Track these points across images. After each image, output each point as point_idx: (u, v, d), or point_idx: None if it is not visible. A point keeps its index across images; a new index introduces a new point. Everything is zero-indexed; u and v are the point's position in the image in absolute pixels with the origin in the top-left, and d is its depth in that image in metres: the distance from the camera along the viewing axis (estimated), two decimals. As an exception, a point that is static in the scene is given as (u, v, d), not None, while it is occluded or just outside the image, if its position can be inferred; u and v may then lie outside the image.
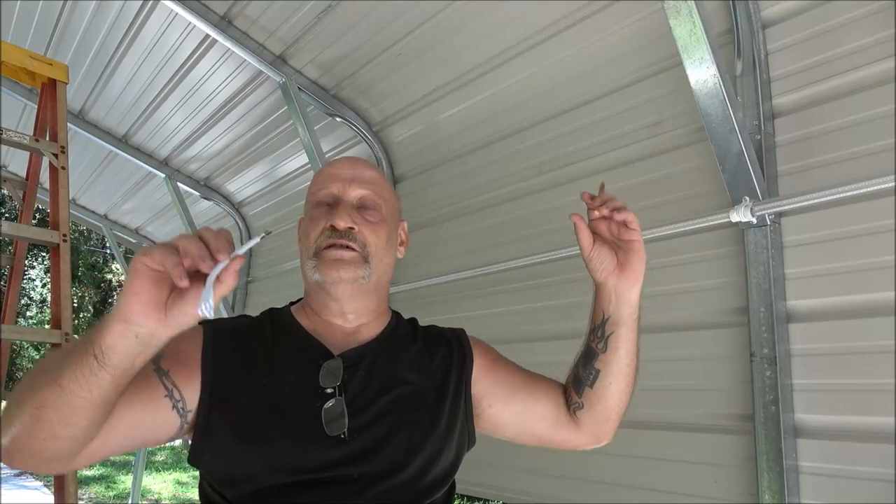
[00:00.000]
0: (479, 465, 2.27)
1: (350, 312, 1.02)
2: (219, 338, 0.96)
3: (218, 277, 0.66)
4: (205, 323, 0.96)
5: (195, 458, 0.91)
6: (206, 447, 0.89)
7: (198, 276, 0.67)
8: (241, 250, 0.70)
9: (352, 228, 0.98)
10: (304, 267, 1.01)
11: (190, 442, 0.92)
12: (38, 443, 0.71)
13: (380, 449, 0.91)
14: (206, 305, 0.65)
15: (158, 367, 0.87)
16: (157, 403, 0.86)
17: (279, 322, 1.04)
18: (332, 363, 0.96)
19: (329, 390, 0.93)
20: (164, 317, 0.67)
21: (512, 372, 1.16)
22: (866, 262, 1.42)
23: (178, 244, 0.67)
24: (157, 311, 0.67)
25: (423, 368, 1.04)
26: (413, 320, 1.20)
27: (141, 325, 0.67)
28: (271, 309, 1.09)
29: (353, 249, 0.97)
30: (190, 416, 0.90)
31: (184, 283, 0.65)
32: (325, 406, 0.91)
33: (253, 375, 0.93)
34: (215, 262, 0.66)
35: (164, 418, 0.87)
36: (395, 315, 1.16)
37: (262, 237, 0.78)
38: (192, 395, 0.89)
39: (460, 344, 1.12)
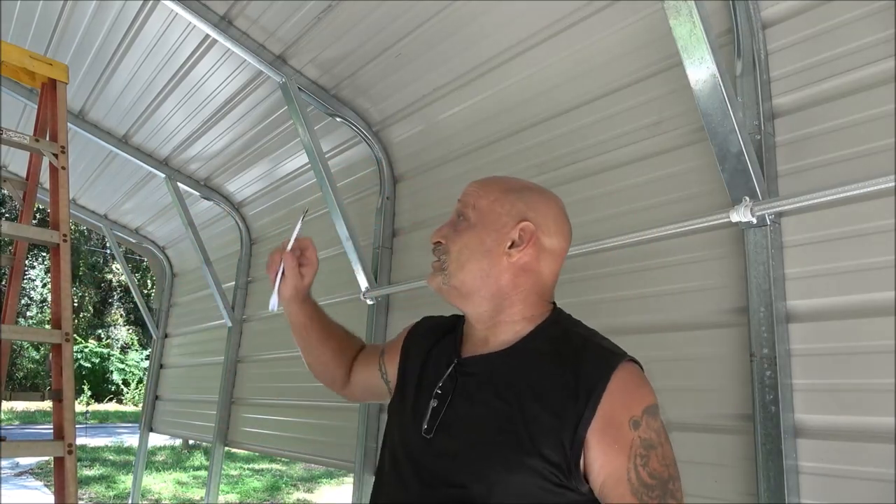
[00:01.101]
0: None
1: (473, 318, 1.11)
2: (411, 336, 1.27)
3: (283, 277, 1.25)
4: (414, 323, 1.32)
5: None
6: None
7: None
8: (291, 245, 1.25)
9: (438, 243, 1.12)
10: None
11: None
12: (313, 368, 1.39)
13: (450, 457, 0.97)
14: (272, 303, 1.27)
15: (381, 352, 1.34)
16: (375, 374, 1.32)
17: (458, 323, 1.21)
18: (453, 366, 1.08)
19: (439, 391, 1.05)
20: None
21: (632, 489, 0.90)
22: (866, 262, 1.42)
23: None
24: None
25: (530, 393, 0.96)
26: (567, 331, 1.09)
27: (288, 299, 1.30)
28: None
29: (437, 260, 1.12)
30: (392, 385, 1.24)
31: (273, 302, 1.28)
32: (430, 404, 1.05)
33: (415, 368, 1.16)
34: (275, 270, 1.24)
35: (379, 384, 1.31)
36: (545, 324, 1.08)
37: (304, 218, 1.32)
38: (394, 372, 1.24)
39: (594, 384, 0.94)
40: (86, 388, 20.12)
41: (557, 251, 1.12)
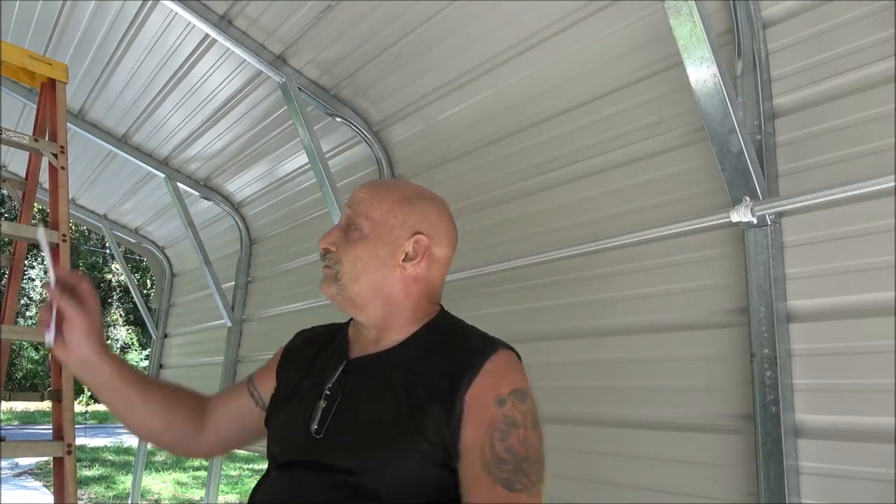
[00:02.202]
0: (479, 465, 2.27)
1: (365, 324, 1.11)
2: (286, 353, 1.22)
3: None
4: (288, 342, 1.25)
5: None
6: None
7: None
8: (52, 280, 1.04)
9: (328, 250, 1.10)
10: None
11: None
12: (145, 437, 1.23)
13: (341, 450, 0.98)
14: (48, 338, 1.02)
15: (249, 379, 1.22)
16: (242, 405, 1.19)
17: (339, 329, 1.20)
18: (341, 365, 1.08)
19: (328, 392, 1.04)
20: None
21: (485, 464, 0.91)
22: (866, 262, 1.42)
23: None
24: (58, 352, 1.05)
25: (418, 382, 0.99)
26: (456, 330, 1.12)
27: (66, 359, 1.06)
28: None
29: (328, 268, 1.09)
30: (264, 406, 1.17)
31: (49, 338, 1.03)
32: (318, 405, 1.03)
33: (297, 378, 1.12)
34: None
35: (248, 415, 1.18)
36: (432, 322, 1.11)
37: (48, 244, 1.16)
38: (268, 393, 1.17)
39: (470, 366, 0.97)
40: (86, 388, 20.10)
41: (446, 259, 1.16)
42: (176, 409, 1.16)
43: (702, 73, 1.50)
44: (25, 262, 2.68)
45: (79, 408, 17.05)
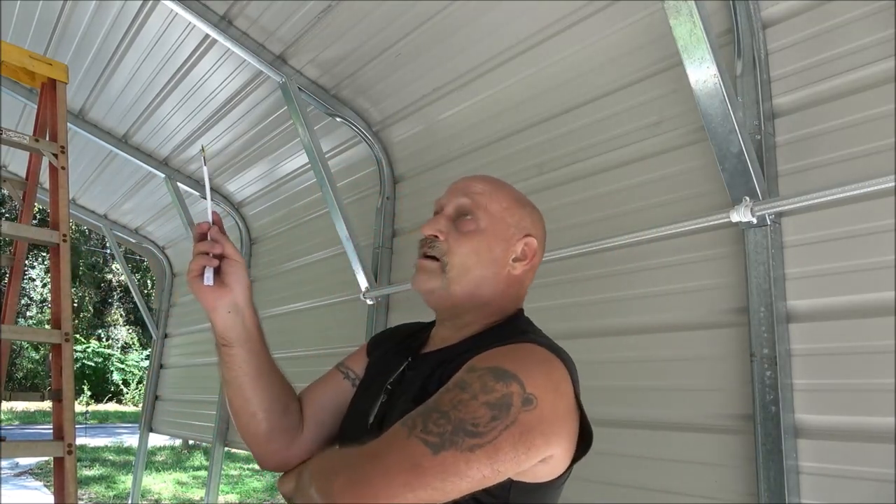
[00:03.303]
0: (479, 465, 2.27)
1: (446, 320, 1.05)
2: (372, 343, 1.19)
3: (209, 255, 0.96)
4: (372, 336, 1.25)
5: None
6: None
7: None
8: (209, 204, 0.99)
9: (435, 237, 1.00)
10: None
11: None
12: (246, 431, 1.03)
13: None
14: (207, 277, 0.95)
15: (340, 363, 1.17)
16: (338, 384, 1.13)
17: (424, 328, 1.16)
18: (408, 363, 1.05)
19: (389, 387, 1.02)
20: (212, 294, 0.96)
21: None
22: (866, 262, 1.42)
23: (194, 252, 0.97)
24: (211, 295, 0.96)
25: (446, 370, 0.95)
26: (519, 327, 1.06)
27: (219, 304, 0.96)
28: None
29: (433, 258, 1.00)
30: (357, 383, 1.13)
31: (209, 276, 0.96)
32: (379, 399, 1.01)
33: (374, 368, 1.12)
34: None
35: (342, 392, 1.11)
36: (500, 323, 1.05)
37: (203, 154, 1.09)
38: (360, 370, 1.14)
39: (489, 346, 0.91)
40: (86, 388, 20.13)
41: (538, 266, 1.12)
42: (292, 395, 1.08)
43: (702, 73, 1.50)
44: (26, 262, 2.68)
45: (79, 408, 17.05)
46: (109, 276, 25.47)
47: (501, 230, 1.02)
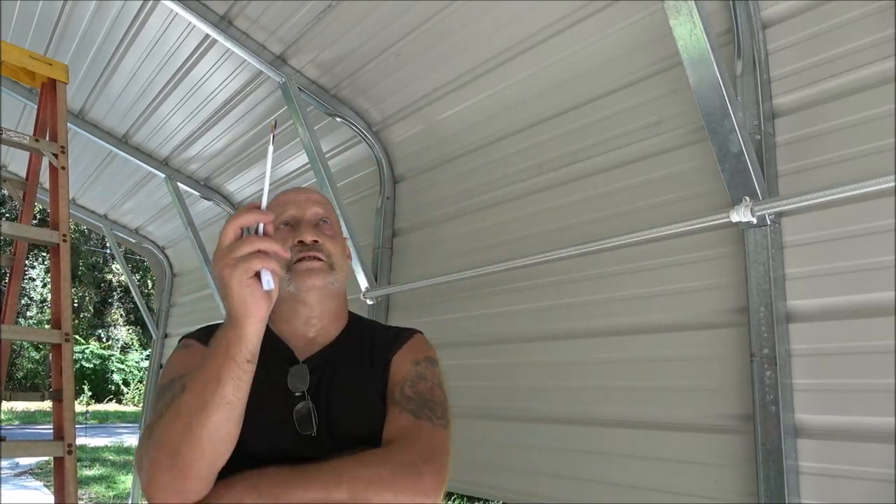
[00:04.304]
0: (479, 465, 2.27)
1: (315, 317, 1.13)
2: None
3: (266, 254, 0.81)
4: (190, 338, 1.17)
5: None
6: None
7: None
8: (264, 200, 0.84)
9: (317, 241, 1.12)
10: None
11: None
12: (219, 460, 0.85)
13: (343, 445, 1.00)
14: (267, 280, 0.81)
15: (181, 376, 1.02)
16: None
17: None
18: (298, 368, 1.08)
19: (298, 394, 1.04)
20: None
21: (395, 402, 1.07)
22: (866, 262, 1.42)
23: (250, 250, 0.80)
24: (264, 303, 0.82)
25: (367, 368, 1.13)
26: (374, 323, 1.28)
27: (266, 315, 0.83)
28: None
29: (320, 259, 1.11)
30: None
31: (269, 280, 0.81)
32: (297, 407, 1.02)
33: (264, 377, 1.03)
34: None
35: None
36: (353, 318, 1.24)
37: (273, 135, 0.96)
38: None
39: (398, 338, 1.18)
40: (86, 388, 20.13)
41: None
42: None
43: (702, 73, 1.50)
44: (26, 262, 2.68)
45: (79, 408, 17.04)
46: (109, 276, 25.47)
47: (340, 233, 1.23)
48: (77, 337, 22.00)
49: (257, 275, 0.80)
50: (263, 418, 0.98)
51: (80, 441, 7.57)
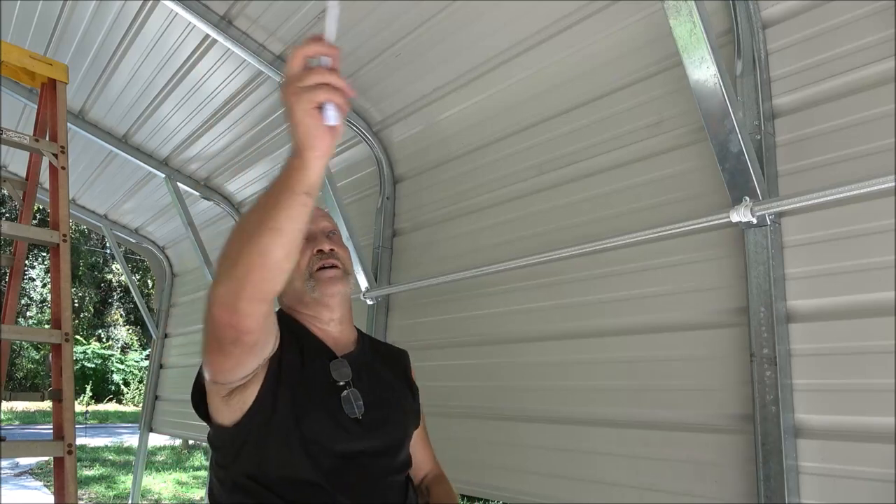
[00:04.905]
0: (479, 465, 2.28)
1: (336, 320, 1.31)
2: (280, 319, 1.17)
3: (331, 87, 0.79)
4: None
5: (254, 417, 1.11)
6: (267, 411, 1.11)
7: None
8: (332, 34, 0.81)
9: (333, 250, 1.29)
10: (297, 287, 1.26)
11: (248, 405, 1.11)
12: (270, 281, 0.88)
13: (386, 428, 1.25)
14: (331, 115, 0.80)
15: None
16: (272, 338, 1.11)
17: (292, 325, 1.27)
18: (339, 361, 1.25)
19: (341, 383, 1.22)
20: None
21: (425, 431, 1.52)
22: (866, 262, 1.42)
23: (316, 81, 0.78)
24: (329, 136, 0.81)
25: (394, 370, 1.41)
26: (368, 335, 1.49)
27: (330, 150, 0.83)
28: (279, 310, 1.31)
29: (337, 267, 1.28)
30: (264, 366, 1.11)
31: (334, 115, 0.80)
32: (342, 395, 1.20)
33: (302, 363, 1.20)
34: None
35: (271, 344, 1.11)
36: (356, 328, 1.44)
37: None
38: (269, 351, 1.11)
39: (404, 354, 1.52)
40: (88, 388, 20.13)
41: None
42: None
43: (702, 73, 1.50)
44: (26, 262, 2.68)
45: (79, 408, 17.05)
46: (109, 276, 25.47)
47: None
48: (78, 337, 21.99)
49: (321, 108, 0.79)
50: (315, 401, 1.16)
51: (80, 441, 7.57)
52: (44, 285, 22.71)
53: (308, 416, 1.14)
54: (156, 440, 13.16)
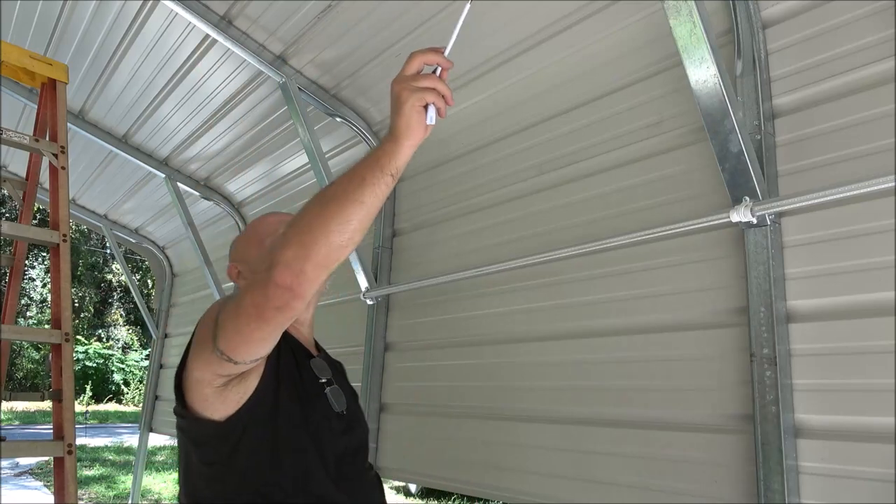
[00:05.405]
0: (479, 465, 2.28)
1: (310, 320, 1.42)
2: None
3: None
4: None
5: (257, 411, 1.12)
6: (271, 410, 1.14)
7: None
8: (448, 50, 0.97)
9: None
10: None
11: (244, 401, 1.11)
12: (339, 250, 0.90)
13: (360, 424, 1.34)
14: (431, 116, 0.92)
15: None
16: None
17: None
18: (317, 360, 1.32)
19: (323, 380, 1.28)
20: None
21: None
22: (866, 262, 1.42)
23: (428, 85, 0.91)
24: (423, 131, 0.92)
25: (345, 375, 1.47)
26: None
27: (419, 143, 0.92)
28: None
29: None
30: (264, 359, 1.11)
31: (433, 116, 0.92)
32: (326, 390, 1.26)
33: (296, 362, 1.25)
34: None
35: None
36: None
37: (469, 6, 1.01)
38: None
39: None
40: (88, 388, 20.12)
41: None
42: None
43: (702, 73, 1.50)
44: (26, 262, 2.68)
45: (79, 408, 17.04)
46: (109, 276, 25.47)
47: None
48: (79, 337, 21.99)
49: (425, 108, 0.91)
50: (314, 399, 1.23)
51: (80, 441, 7.56)
52: (44, 285, 22.71)
53: (315, 413, 1.19)
54: (156, 440, 13.15)
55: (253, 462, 1.12)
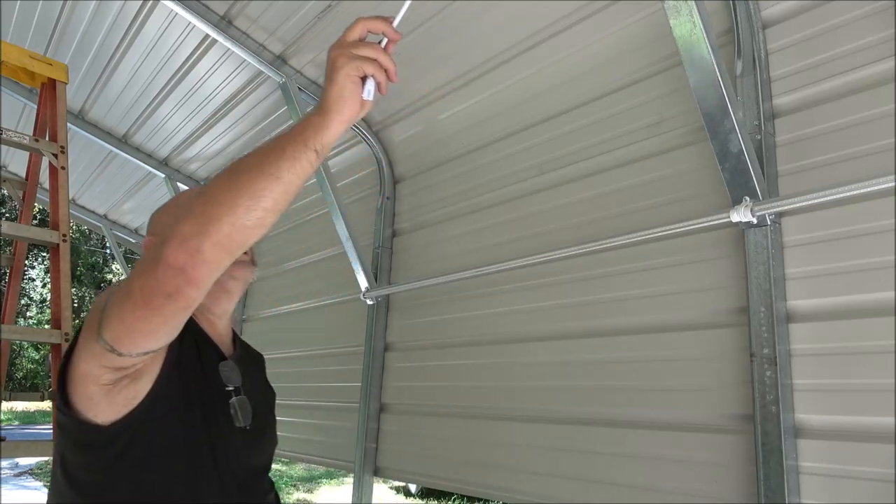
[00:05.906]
0: (478, 465, 2.28)
1: (229, 313, 1.21)
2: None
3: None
4: None
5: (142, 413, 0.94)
6: (155, 406, 0.94)
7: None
8: (398, 20, 0.90)
9: None
10: None
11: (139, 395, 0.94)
12: (245, 231, 0.78)
13: (265, 439, 1.18)
14: (369, 90, 0.83)
15: None
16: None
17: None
18: (227, 365, 1.11)
19: (230, 388, 1.09)
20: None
21: None
22: (866, 262, 1.42)
23: (369, 54, 0.82)
24: (358, 107, 0.83)
25: (264, 372, 1.35)
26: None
27: (352, 120, 0.83)
28: None
29: (247, 253, 1.16)
30: (160, 357, 0.94)
31: (371, 90, 0.82)
32: (231, 401, 1.07)
33: (202, 364, 1.07)
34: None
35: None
36: None
37: None
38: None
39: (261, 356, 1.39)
40: (86, 388, 20.09)
41: None
42: None
43: (702, 73, 1.50)
44: (25, 262, 2.68)
45: (79, 408, 16.98)
46: (109, 276, 25.47)
47: None
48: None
49: (363, 80, 0.82)
50: (218, 408, 1.05)
51: (80, 441, 7.55)
52: (44, 285, 22.71)
53: (216, 427, 1.02)
54: (156, 440, 13.10)
55: (137, 479, 0.95)
